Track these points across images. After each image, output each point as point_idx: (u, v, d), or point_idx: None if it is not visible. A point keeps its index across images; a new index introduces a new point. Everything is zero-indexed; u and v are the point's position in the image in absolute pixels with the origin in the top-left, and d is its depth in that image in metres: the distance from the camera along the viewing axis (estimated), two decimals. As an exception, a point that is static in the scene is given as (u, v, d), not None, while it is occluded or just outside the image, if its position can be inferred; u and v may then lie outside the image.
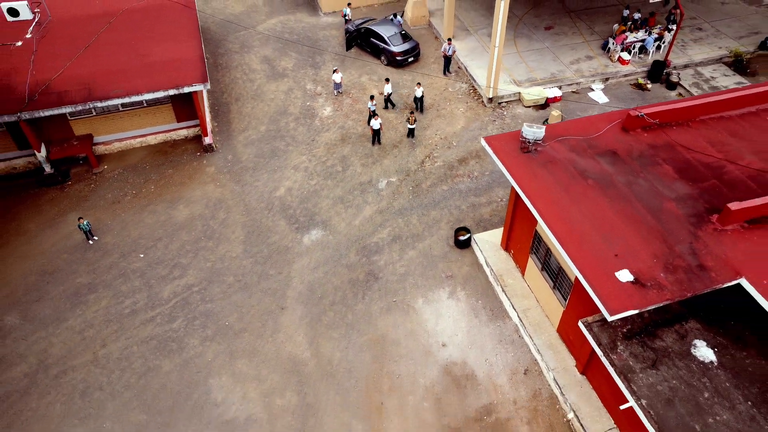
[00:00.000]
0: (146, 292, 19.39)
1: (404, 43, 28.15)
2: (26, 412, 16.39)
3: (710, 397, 12.52)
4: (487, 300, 18.81)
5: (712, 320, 13.88)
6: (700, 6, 31.14)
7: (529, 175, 15.88)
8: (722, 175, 15.85)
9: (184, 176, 23.49)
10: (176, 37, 23.96)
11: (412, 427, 15.95)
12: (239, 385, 16.96)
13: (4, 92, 21.20)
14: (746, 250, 13.77)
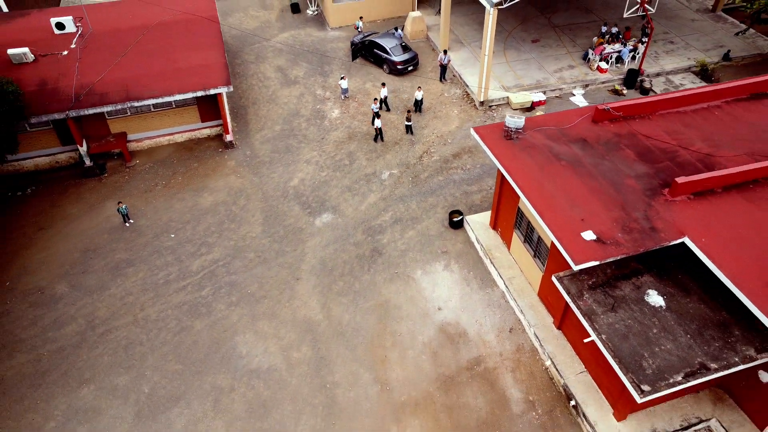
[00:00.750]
0: (177, 266, 22.05)
1: (404, 54, 31.20)
2: (79, 362, 18.95)
3: (658, 332, 15.10)
4: (478, 271, 21.46)
5: (663, 274, 16.51)
6: (672, 22, 34.28)
7: (511, 157, 18.67)
8: (675, 157, 18.64)
9: (207, 169, 26.31)
10: (202, 46, 26.99)
11: (412, 375, 18.48)
12: (261, 341, 19.53)
13: (54, 94, 24.11)
14: (690, 216, 16.48)
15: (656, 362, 14.43)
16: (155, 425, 17.37)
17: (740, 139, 19.27)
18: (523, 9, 35.40)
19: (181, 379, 18.54)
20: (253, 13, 38.03)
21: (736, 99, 21.12)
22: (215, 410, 17.72)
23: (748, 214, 16.45)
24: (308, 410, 17.66)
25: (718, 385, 17.06)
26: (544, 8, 35.74)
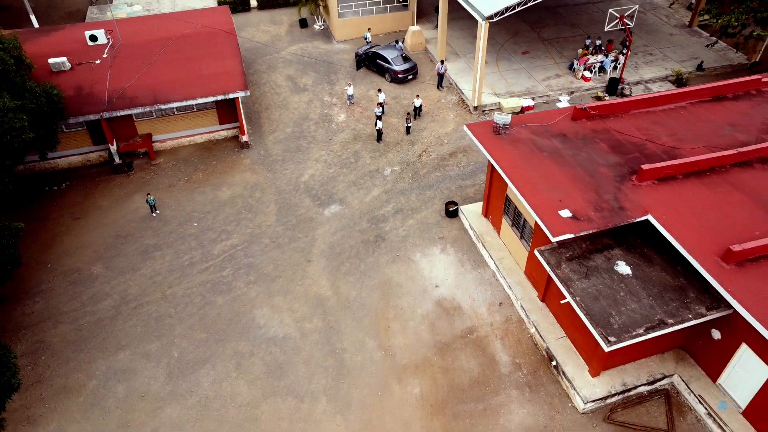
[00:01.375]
0: (200, 250, 24.46)
1: (405, 64, 33.94)
2: (115, 331, 21.27)
3: (624, 295, 17.47)
4: (471, 254, 23.86)
5: (631, 248, 18.92)
6: (652, 36, 37.10)
7: (499, 149, 21.21)
8: (643, 150, 21.17)
9: (225, 166, 28.84)
10: (222, 56, 29.70)
11: (412, 342, 20.79)
12: (277, 314, 21.86)
13: (90, 98, 26.75)
14: (654, 198, 18.95)
15: (622, 319, 16.79)
16: (185, 384, 19.64)
17: (701, 135, 21.83)
18: (515, 24, 38.26)
19: (206, 345, 20.84)
20: (264, 28, 40.91)
21: (700, 101, 23.73)
22: (237, 371, 20.01)
23: (704, 196, 18.94)
24: (320, 371, 19.94)
25: (680, 346, 19.36)
26: (534, 23, 38.61)
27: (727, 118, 22.70)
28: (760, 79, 24.34)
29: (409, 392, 19.29)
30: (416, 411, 18.78)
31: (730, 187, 19.29)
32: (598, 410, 18.55)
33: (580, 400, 18.36)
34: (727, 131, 21.99)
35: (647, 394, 18.93)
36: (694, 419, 18.23)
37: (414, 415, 18.67)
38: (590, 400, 18.27)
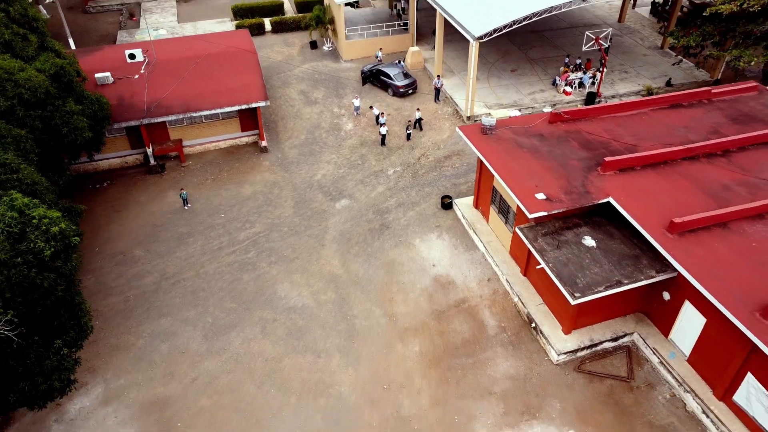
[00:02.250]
0: (227, 237, 28.05)
1: (405, 80, 37.99)
2: (156, 302, 24.72)
3: (589, 262, 21.00)
4: (463, 240, 27.44)
5: (596, 226, 22.51)
6: (627, 56, 41.27)
7: (486, 146, 24.96)
8: (608, 147, 24.92)
9: (247, 168, 32.60)
10: (244, 71, 33.71)
11: (413, 310, 24.22)
12: (295, 288, 25.34)
13: (131, 107, 30.64)
14: (615, 184, 22.61)
15: (586, 279, 20.31)
16: (218, 343, 23.03)
17: (658, 135, 25.62)
18: (504, 45, 42.48)
19: (235, 313, 24.28)
20: (278, 49, 45.15)
21: (659, 108, 27.59)
22: (263, 334, 23.41)
23: (657, 183, 22.62)
24: (334, 333, 23.34)
25: (639, 310, 22.81)
26: (522, 45, 42.84)
27: (681, 122, 26.52)
28: (710, 90, 28.25)
29: (410, 350, 22.67)
30: (416, 364, 22.14)
31: (679, 176, 22.98)
32: (570, 362, 21.93)
33: (555, 353, 21.75)
34: (681, 132, 25.79)
35: (612, 349, 22.33)
36: (650, 368, 21.60)
37: (414, 368, 22.02)
38: (563, 353, 21.66)
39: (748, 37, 31.84)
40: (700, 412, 19.73)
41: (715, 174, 23.10)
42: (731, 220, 20.60)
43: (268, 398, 21.06)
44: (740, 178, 22.89)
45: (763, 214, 20.88)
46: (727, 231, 20.29)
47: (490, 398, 20.85)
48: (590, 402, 20.64)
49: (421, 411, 20.54)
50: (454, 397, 20.95)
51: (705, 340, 19.88)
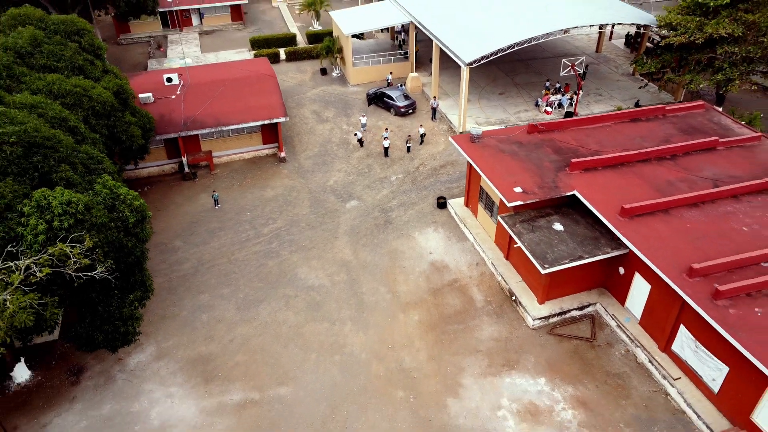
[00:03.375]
0: (253, 231, 32.66)
1: (406, 101, 43.15)
2: (195, 283, 29.20)
3: (557, 242, 25.58)
4: (456, 233, 32.05)
5: (565, 215, 27.18)
6: (602, 81, 46.59)
7: (474, 151, 29.80)
8: (576, 152, 29.76)
9: (268, 175, 37.42)
10: (266, 92, 38.84)
11: (413, 288, 28.66)
12: (313, 271, 29.84)
13: (170, 122, 35.64)
14: (580, 181, 27.36)
15: (554, 255, 24.87)
16: (249, 313, 27.43)
17: (618, 143, 30.49)
18: (494, 72, 47.84)
19: (262, 291, 28.73)
20: (292, 75, 50.53)
21: (620, 121, 32.54)
22: (286, 306, 27.82)
23: (614, 180, 27.35)
24: (346, 306, 27.76)
25: (601, 286, 27.29)
26: (509, 71, 48.21)
27: (638, 133, 31.43)
28: (664, 108, 33.28)
29: (411, 319, 27.07)
30: (415, 330, 26.51)
31: (633, 174, 27.74)
32: (543, 327, 26.31)
33: (531, 320, 26.16)
34: (637, 141, 30.66)
35: (578, 317, 26.74)
36: (609, 331, 25.98)
37: (414, 333, 26.38)
38: (537, 318, 26.08)
39: (698, 64, 37.05)
40: (647, 361, 24.06)
41: (663, 173, 27.88)
42: (672, 207, 25.28)
43: (292, 355, 25.39)
44: (683, 176, 27.67)
45: (698, 203, 25.57)
46: (668, 216, 24.95)
47: (477, 355, 25.17)
48: (559, 357, 24.97)
49: (419, 364, 24.84)
50: (447, 354, 25.28)
51: (651, 304, 24.34)
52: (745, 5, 34.49)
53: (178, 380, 24.35)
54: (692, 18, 35.93)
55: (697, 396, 22.24)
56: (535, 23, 40.05)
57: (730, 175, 27.60)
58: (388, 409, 23.05)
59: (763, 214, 24.89)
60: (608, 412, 22.60)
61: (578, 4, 43.68)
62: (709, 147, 29.69)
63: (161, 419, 22.81)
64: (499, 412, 22.76)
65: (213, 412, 23.09)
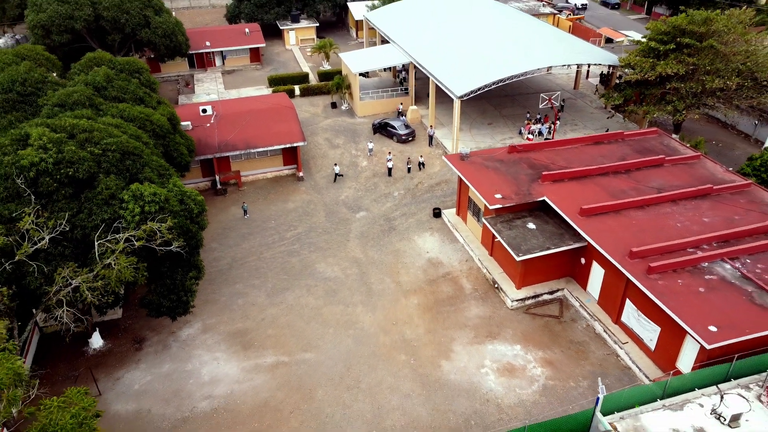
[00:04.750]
0: (278, 235, 38.61)
1: (406, 130, 49.72)
2: (231, 275, 34.97)
3: (530, 237, 31.51)
4: (449, 236, 37.98)
5: (537, 217, 33.18)
6: (578, 114, 53.31)
7: (463, 167, 36.03)
8: (547, 167, 35.96)
9: (288, 191, 43.60)
10: (287, 121, 45.41)
11: (412, 279, 34.40)
12: (329, 266, 35.64)
13: (206, 145, 42.05)
14: (549, 189, 33.47)
15: (527, 246, 30.76)
16: (277, 299, 33.10)
17: (583, 161, 36.74)
18: (483, 105, 54.65)
19: (288, 281, 34.47)
20: (306, 108, 57.33)
21: (585, 144, 38.90)
22: (308, 293, 33.52)
23: (577, 189, 33.46)
24: (357, 293, 33.45)
25: (567, 274, 33.05)
26: (497, 105, 55.05)
27: (600, 153, 37.73)
28: (623, 133, 39.73)
29: (411, 302, 32.73)
30: (415, 311, 32.14)
31: (593, 185, 33.85)
32: (520, 307, 31.95)
33: (510, 302, 31.84)
34: (599, 159, 36.90)
35: (549, 300, 32.42)
36: (574, 311, 31.64)
37: (414, 313, 32.00)
38: (515, 300, 31.76)
39: (653, 98, 43.71)
40: (603, 331, 29.66)
41: (618, 183, 34.02)
42: (622, 209, 31.29)
43: (314, 330, 30.99)
44: (634, 185, 33.80)
45: (643, 205, 31.60)
46: (618, 215, 30.94)
47: (465, 329, 30.77)
48: (532, 330, 30.56)
49: (418, 336, 30.42)
50: (441, 328, 30.87)
51: (605, 286, 30.09)
52: (688, 50, 41.34)
53: (222, 348, 29.90)
54: (647, 60, 42.82)
55: (639, 355, 27.78)
56: (517, 63, 46.96)
57: (671, 185, 33.73)
58: (393, 368, 28.54)
59: (693, 214, 30.93)
60: (570, 369, 28.10)
61: (556, 48, 50.80)
62: (657, 164, 35.93)
63: (210, 375, 28.29)
64: (482, 370, 28.24)
65: (251, 371, 28.58)
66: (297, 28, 76.83)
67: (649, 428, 21.50)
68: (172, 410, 26.55)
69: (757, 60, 40.52)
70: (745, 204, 31.78)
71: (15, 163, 21.99)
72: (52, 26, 47.60)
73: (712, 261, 27.36)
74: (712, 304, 24.79)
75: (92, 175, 23.73)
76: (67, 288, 21.88)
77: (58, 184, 22.90)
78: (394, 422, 25.78)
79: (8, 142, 23.03)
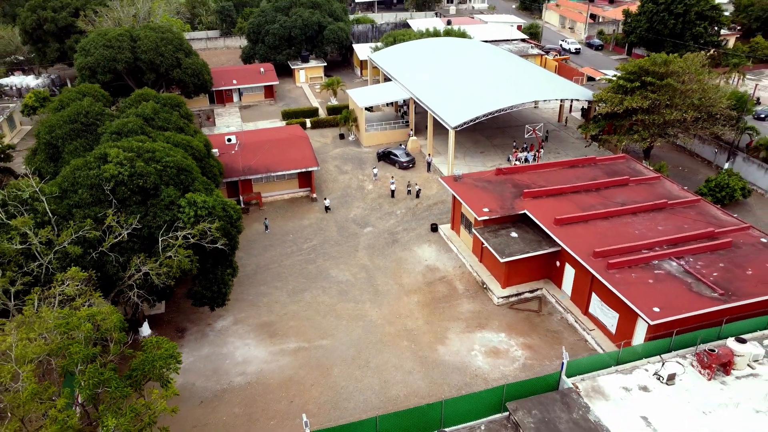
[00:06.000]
0: (296, 246, 44.28)
1: (407, 158, 55.92)
2: (256, 279, 40.49)
3: (512, 244, 37.18)
4: (444, 247, 43.63)
5: (519, 228, 38.90)
6: (561, 144, 59.61)
7: (457, 187, 41.97)
8: (529, 186, 41.87)
9: (304, 210, 49.46)
10: (301, 149, 51.61)
11: (413, 281, 39.90)
12: (341, 271, 41.18)
13: (232, 169, 48.14)
14: (530, 204, 39.30)
15: (510, 250, 36.41)
16: (297, 297, 38.55)
17: (560, 180, 42.70)
18: (476, 136, 61.03)
19: (305, 283, 39.97)
20: (316, 139, 63.71)
21: (563, 168, 44.95)
22: (323, 293, 38.98)
23: (553, 204, 39.29)
24: (365, 293, 38.91)
25: (545, 276, 38.56)
26: (489, 136, 61.44)
27: (575, 175, 43.72)
28: (595, 159, 45.82)
29: (412, 300, 38.16)
30: (416, 307, 37.54)
31: (567, 201, 39.68)
32: (505, 303, 37.37)
33: (496, 299, 37.27)
34: (573, 180, 42.86)
35: (530, 297, 37.85)
36: (551, 306, 37.05)
37: (414, 308, 37.39)
38: (500, 297, 37.20)
39: (623, 128, 50.01)
40: (574, 321, 35.03)
41: (588, 199, 39.87)
42: (590, 219, 37.05)
43: (329, 322, 36.35)
44: (601, 201, 39.63)
45: (608, 216, 37.37)
46: (586, 224, 36.67)
47: (458, 321, 36.13)
48: (515, 321, 35.90)
49: (418, 326, 35.75)
50: (437, 320, 36.23)
51: (576, 283, 35.60)
52: (651, 87, 47.84)
53: (251, 336, 35.23)
54: (616, 95, 49.30)
55: (603, 339, 33.09)
56: (506, 98, 53.46)
57: (633, 200, 39.56)
58: (397, 352, 33.81)
59: (650, 223, 36.67)
60: (545, 351, 33.36)
61: (541, 85, 57.50)
62: (623, 183, 41.87)
63: (243, 357, 33.56)
64: (472, 352, 33.51)
65: (277, 354, 33.84)
66: (306, 67, 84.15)
67: (603, 387, 26.70)
68: (213, 384, 31.74)
69: (709, 96, 46.94)
70: (693, 215, 37.59)
71: (99, 176, 27.87)
72: (98, 67, 54.48)
73: (662, 259, 32.99)
74: (658, 292, 30.31)
75: (156, 186, 29.59)
76: (138, 273, 27.41)
77: (131, 192, 28.74)
78: (398, 392, 30.94)
79: (92, 159, 28.95)
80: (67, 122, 38.12)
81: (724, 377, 26.75)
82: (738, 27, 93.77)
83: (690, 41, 77.30)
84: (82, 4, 75.78)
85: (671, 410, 25.09)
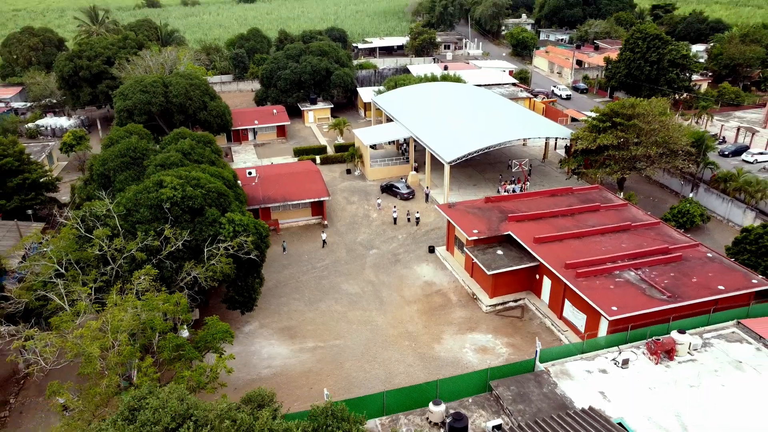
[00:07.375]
0: (310, 265, 50.47)
1: (407, 190, 62.64)
2: (277, 292, 46.54)
3: (498, 259, 43.39)
4: (440, 266, 49.81)
5: (504, 246, 45.22)
6: (545, 177, 66.44)
7: (451, 213, 48.47)
8: (513, 211, 48.36)
9: (316, 235, 55.85)
10: (314, 181, 58.37)
11: (413, 293, 45.92)
12: (351, 286, 47.26)
13: (253, 198, 54.76)
14: (514, 226, 45.69)
15: (496, 264, 42.61)
16: (313, 306, 44.52)
17: (541, 207, 49.19)
18: (469, 171, 67.93)
19: (320, 295, 45.99)
20: (325, 173, 70.41)
21: (544, 197, 51.55)
22: (336, 303, 44.96)
23: (534, 226, 45.69)
24: (372, 303, 44.89)
25: (527, 288, 44.60)
26: (481, 171, 68.36)
27: (554, 202, 50.27)
28: (571, 189, 52.50)
29: (413, 308, 44.12)
30: (416, 314, 43.47)
31: (546, 223, 46.09)
32: (492, 311, 43.32)
33: (484, 307, 43.25)
34: (552, 206, 49.36)
35: (514, 306, 43.82)
36: (532, 313, 42.99)
37: (415, 315, 43.32)
38: (488, 306, 43.18)
39: (596, 163, 56.86)
40: (551, 325, 40.93)
41: (564, 222, 46.30)
42: (564, 238, 43.39)
43: (342, 326, 42.25)
44: (575, 223, 46.06)
45: (580, 236, 43.72)
46: (561, 243, 42.99)
47: (452, 325, 42.02)
48: (501, 325, 41.79)
49: (417, 329, 41.62)
50: (434, 324, 42.13)
51: (552, 292, 41.66)
52: (621, 126, 54.95)
53: (275, 337, 41.08)
54: (591, 134, 56.37)
55: (575, 338, 38.94)
56: (496, 136, 60.55)
57: (602, 223, 45.98)
58: (399, 349, 39.60)
59: (615, 242, 42.99)
60: (526, 348, 39.17)
61: (527, 125, 64.76)
62: (594, 209, 48.38)
63: (268, 353, 39.34)
64: (464, 350, 39.31)
65: (297, 351, 39.63)
66: (315, 109, 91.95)
67: (570, 370, 32.48)
68: (244, 374, 37.46)
69: (670, 134, 53.97)
70: (653, 235, 43.96)
71: (158, 197, 34.38)
72: (135, 110, 61.85)
73: (622, 270, 39.19)
74: (617, 295, 36.41)
75: (202, 207, 36.06)
76: (189, 276, 33.58)
77: (182, 212, 35.17)
78: (400, 381, 36.62)
79: (151, 185, 35.53)
80: (119, 156, 44.93)
81: (668, 362, 32.60)
82: (710, 73, 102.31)
83: (664, 86, 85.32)
84: (113, 53, 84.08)
85: (624, 387, 30.88)
